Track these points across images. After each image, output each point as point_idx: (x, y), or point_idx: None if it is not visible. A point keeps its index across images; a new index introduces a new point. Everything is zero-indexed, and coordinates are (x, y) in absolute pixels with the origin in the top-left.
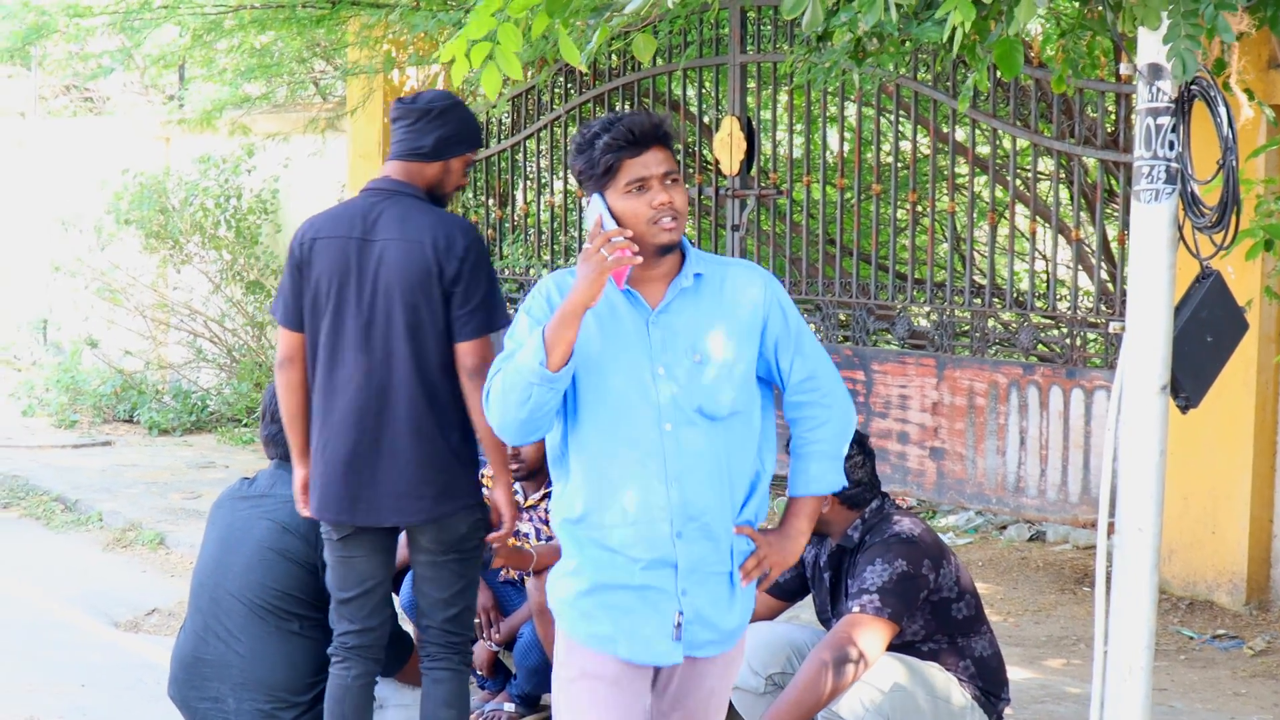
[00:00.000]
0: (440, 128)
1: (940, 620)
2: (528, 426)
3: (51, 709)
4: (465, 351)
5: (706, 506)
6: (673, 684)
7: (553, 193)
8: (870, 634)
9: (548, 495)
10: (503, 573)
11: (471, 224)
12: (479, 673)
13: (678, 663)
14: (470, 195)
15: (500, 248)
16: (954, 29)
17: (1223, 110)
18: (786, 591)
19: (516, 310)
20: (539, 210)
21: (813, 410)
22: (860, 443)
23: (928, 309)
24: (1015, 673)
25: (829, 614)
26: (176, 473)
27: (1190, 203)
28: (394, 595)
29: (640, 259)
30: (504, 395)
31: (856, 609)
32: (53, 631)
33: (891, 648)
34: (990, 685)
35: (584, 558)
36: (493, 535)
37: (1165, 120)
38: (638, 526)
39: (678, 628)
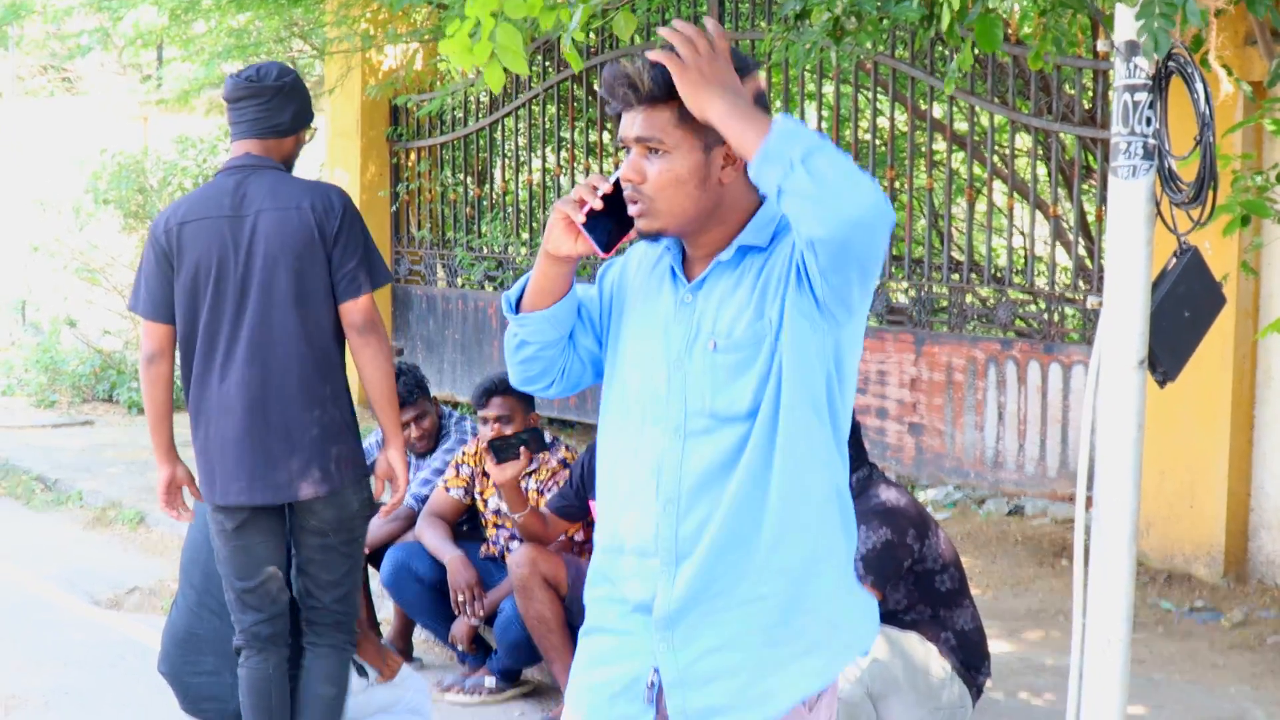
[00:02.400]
0: (293, 102)
1: (923, 591)
2: (515, 367)
3: (34, 688)
4: (353, 309)
5: (714, 541)
6: None
7: (531, 171)
8: None
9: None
10: (483, 548)
11: (340, 187)
12: (459, 648)
13: None
14: (449, 173)
15: (478, 226)
16: (935, 6)
17: (1200, 86)
18: None
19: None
20: (517, 188)
21: None
22: None
23: (906, 285)
24: (994, 646)
25: None
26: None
27: (1167, 178)
28: (373, 569)
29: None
30: None
31: None
32: (34, 611)
33: None
34: (971, 658)
35: (590, 591)
36: (386, 507)
37: (1142, 96)
38: (632, 559)
39: (650, 687)
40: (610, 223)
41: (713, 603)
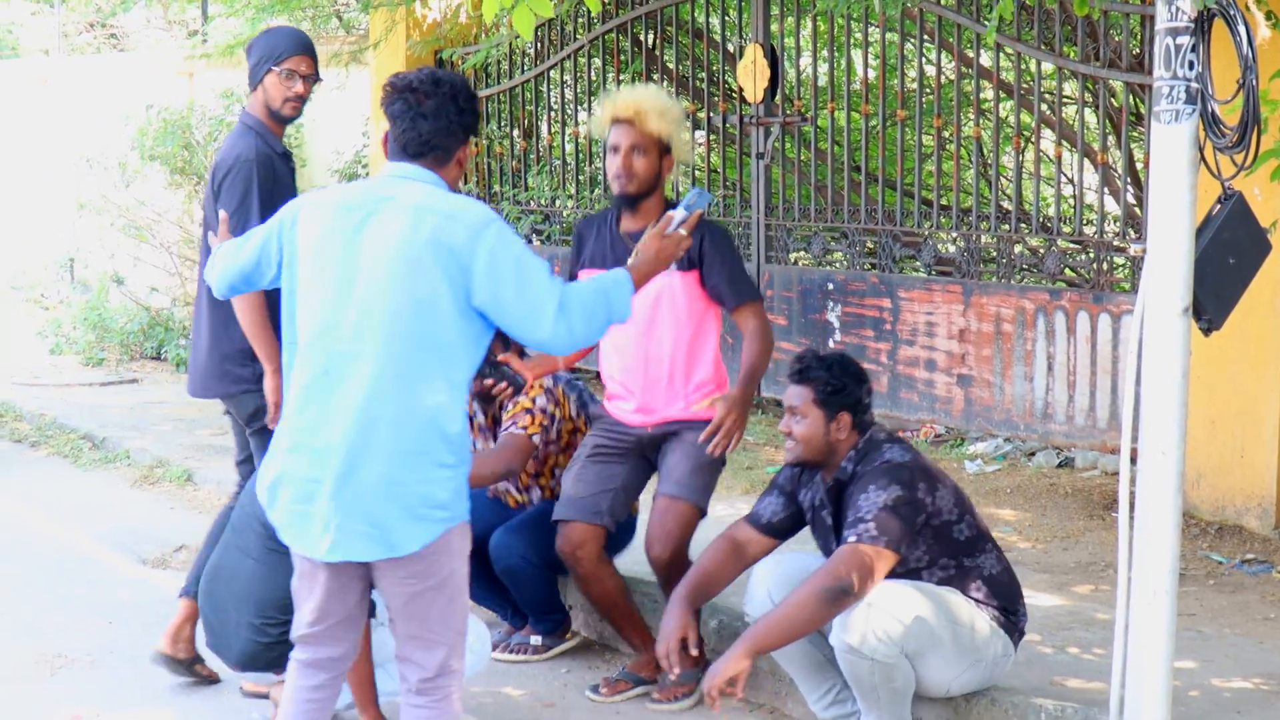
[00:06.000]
0: (248, 60)
1: (943, 544)
2: None
3: (80, 646)
4: None
5: None
6: None
7: (577, 123)
8: (868, 563)
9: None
10: (489, 490)
11: (251, 148)
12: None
13: None
14: (495, 126)
15: (525, 179)
16: None
17: (1242, 29)
18: (778, 529)
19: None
20: (564, 141)
21: None
22: (857, 373)
23: (954, 235)
24: (1044, 599)
25: (832, 553)
26: (204, 409)
27: (1211, 123)
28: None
29: None
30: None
31: (853, 539)
32: (81, 569)
33: (898, 577)
34: (1006, 601)
35: None
36: (269, 417)
37: (1185, 40)
38: None
39: None
40: None
41: None
